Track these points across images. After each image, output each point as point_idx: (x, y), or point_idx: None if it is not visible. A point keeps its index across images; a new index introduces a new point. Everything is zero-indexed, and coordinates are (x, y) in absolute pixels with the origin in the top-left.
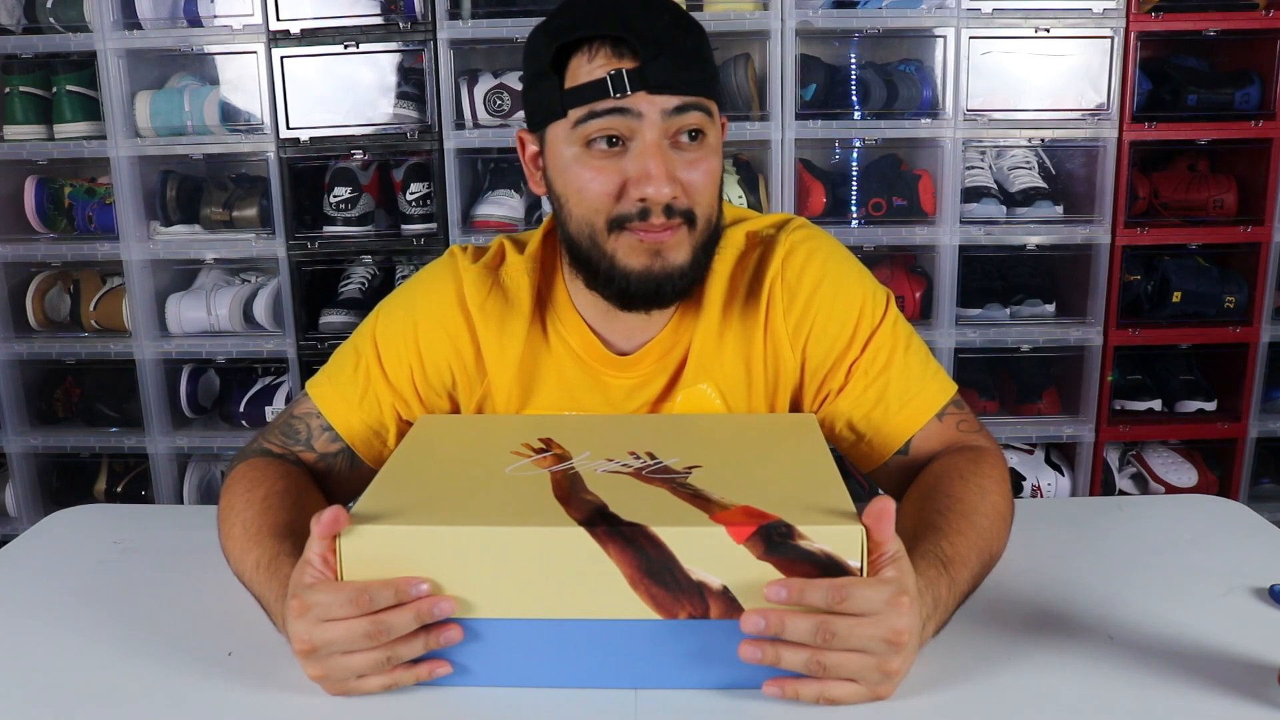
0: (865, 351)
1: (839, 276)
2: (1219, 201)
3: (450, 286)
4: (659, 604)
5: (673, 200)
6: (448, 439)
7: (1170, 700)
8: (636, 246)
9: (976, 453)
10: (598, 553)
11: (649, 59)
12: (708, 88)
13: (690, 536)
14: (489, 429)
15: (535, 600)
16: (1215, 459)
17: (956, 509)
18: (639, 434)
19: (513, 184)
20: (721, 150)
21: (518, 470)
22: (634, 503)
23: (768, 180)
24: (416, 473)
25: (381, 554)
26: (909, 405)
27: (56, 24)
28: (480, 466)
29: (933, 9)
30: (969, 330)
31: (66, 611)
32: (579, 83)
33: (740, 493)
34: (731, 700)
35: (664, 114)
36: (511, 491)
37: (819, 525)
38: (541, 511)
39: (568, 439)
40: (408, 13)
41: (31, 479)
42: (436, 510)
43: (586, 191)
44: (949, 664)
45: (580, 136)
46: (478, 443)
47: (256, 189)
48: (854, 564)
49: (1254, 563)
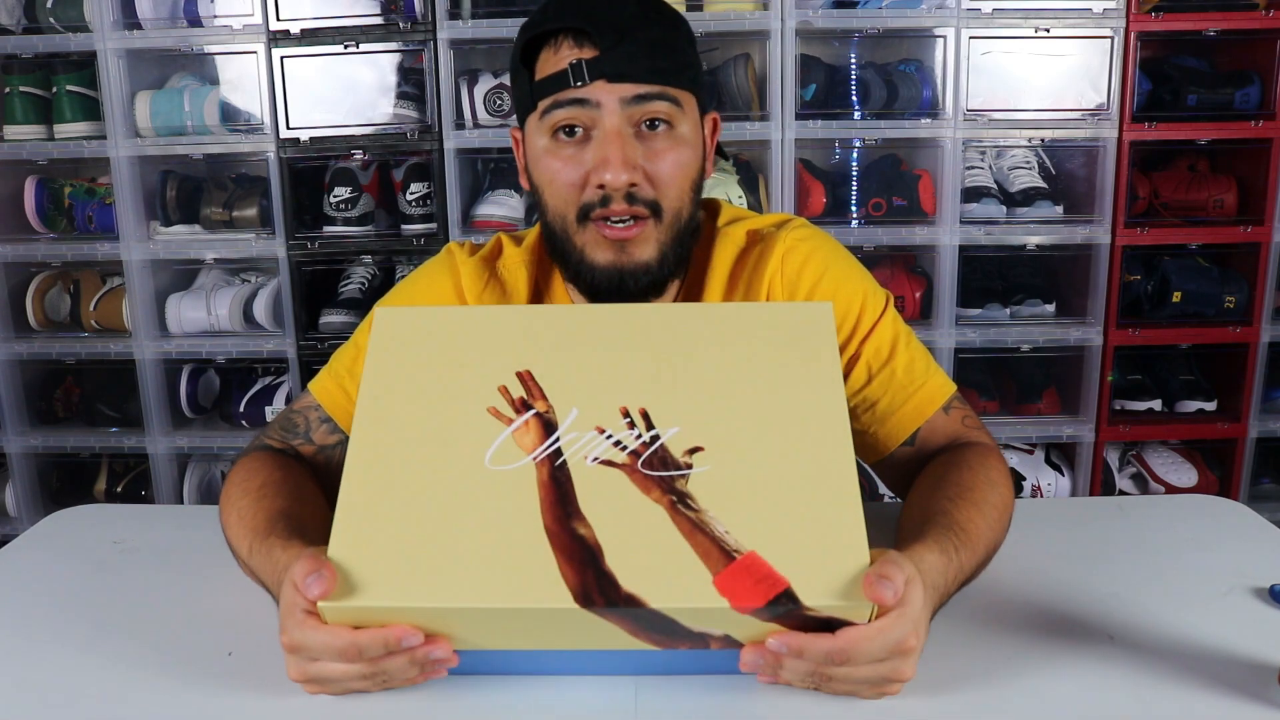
0: (868, 345)
1: (839, 273)
2: (1219, 201)
3: (448, 280)
4: (658, 643)
5: (633, 188)
6: (415, 367)
7: (1170, 700)
8: (602, 241)
9: (983, 448)
10: (595, 620)
11: (607, 48)
12: (674, 77)
13: (692, 612)
14: (461, 344)
15: (529, 643)
16: (1215, 459)
17: (968, 497)
18: (631, 377)
19: (513, 184)
20: (701, 144)
21: (500, 457)
22: (630, 539)
23: (767, 180)
24: (388, 471)
25: (365, 621)
26: (915, 397)
27: (56, 24)
28: (457, 450)
29: (933, 9)
30: (969, 330)
31: (66, 611)
32: (545, 75)
33: (747, 517)
34: (732, 700)
35: (623, 102)
36: (496, 515)
37: (827, 601)
38: (532, 569)
39: (552, 383)
40: (408, 13)
41: (31, 479)
42: (416, 572)
43: (555, 182)
44: (949, 664)
45: (548, 127)
46: (451, 384)
47: (256, 189)
48: (861, 623)
49: (1254, 563)
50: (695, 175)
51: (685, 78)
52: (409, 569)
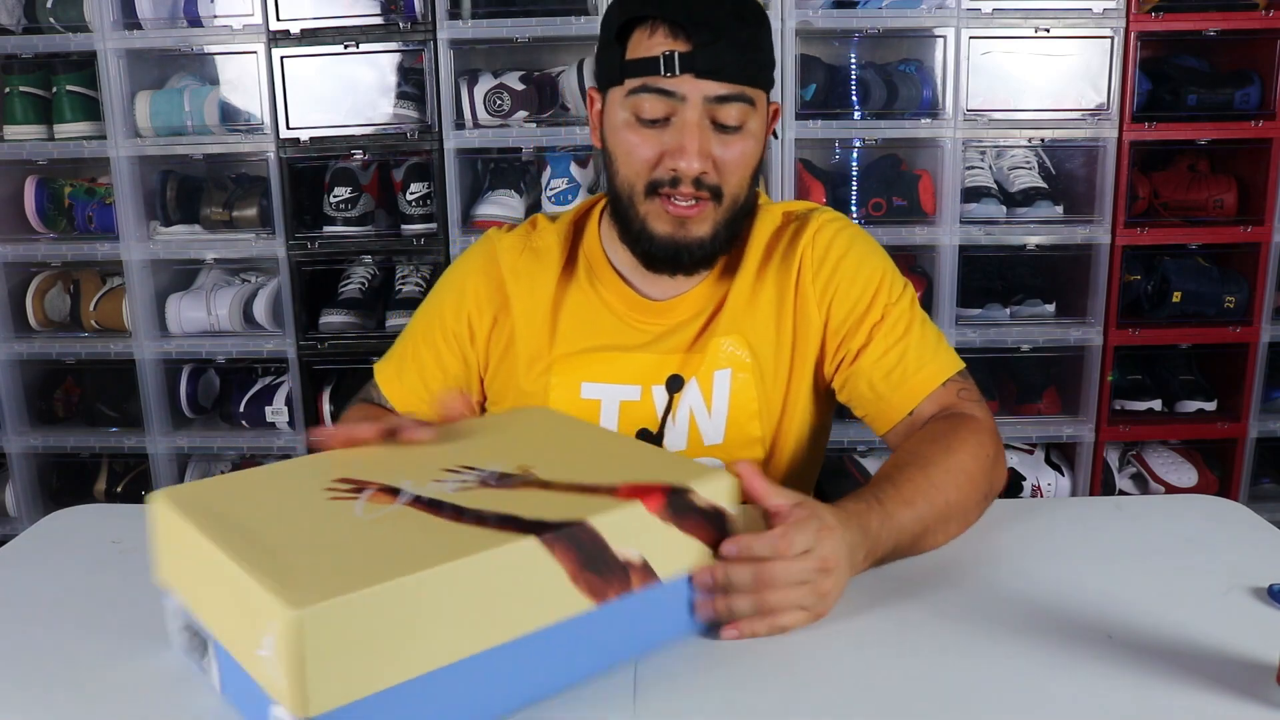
0: (886, 318)
1: (863, 252)
2: (1219, 201)
3: (482, 258)
4: (594, 591)
5: (702, 175)
6: (234, 503)
7: (1169, 700)
8: (664, 215)
9: (960, 419)
10: (546, 558)
11: (700, 45)
12: (755, 77)
13: (620, 520)
14: (262, 484)
15: (487, 628)
16: (1215, 459)
17: (913, 462)
18: (433, 458)
19: (513, 184)
20: (764, 135)
21: (367, 510)
22: (533, 502)
23: (768, 180)
24: (269, 539)
25: (345, 624)
26: (925, 368)
27: (56, 24)
28: (327, 516)
29: (933, 9)
30: (969, 330)
31: (66, 611)
32: (637, 56)
33: (604, 475)
34: (732, 700)
35: (706, 99)
36: (404, 531)
37: (702, 481)
38: (467, 538)
39: (370, 474)
40: (408, 13)
41: (31, 479)
42: (374, 565)
43: (632, 155)
44: (949, 663)
45: (632, 105)
46: (280, 497)
47: (256, 189)
48: (734, 511)
49: (1254, 563)
50: (755, 164)
51: (764, 77)
52: (358, 565)
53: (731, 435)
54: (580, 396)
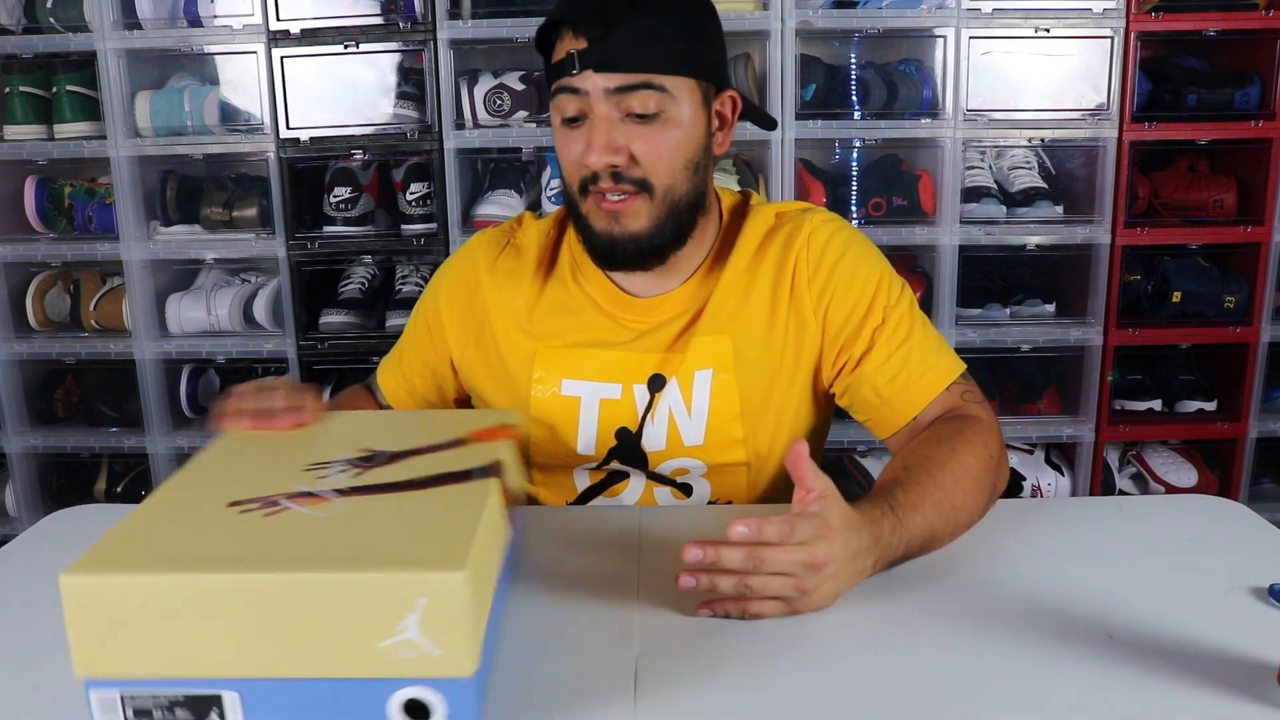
0: (887, 321)
1: (859, 254)
2: (1219, 201)
3: (466, 256)
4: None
5: (622, 169)
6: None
7: (1170, 700)
8: (598, 212)
9: (964, 420)
10: None
11: (594, 40)
12: (663, 64)
13: (509, 455)
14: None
15: None
16: (1215, 459)
17: (921, 465)
18: (283, 466)
19: (513, 184)
20: (704, 124)
21: (320, 508)
22: (435, 465)
23: (768, 180)
24: (284, 548)
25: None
26: (929, 373)
27: (56, 24)
28: (286, 522)
29: (933, 9)
30: (969, 330)
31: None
32: (555, 61)
33: (437, 436)
34: (732, 701)
35: (607, 92)
36: (405, 505)
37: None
38: (471, 497)
39: (254, 492)
40: (408, 13)
41: (31, 479)
42: (446, 532)
43: (563, 157)
44: (949, 663)
45: (557, 107)
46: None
47: (256, 189)
48: None
49: (1254, 563)
50: (691, 154)
51: (677, 64)
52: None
53: (712, 436)
54: (561, 393)
